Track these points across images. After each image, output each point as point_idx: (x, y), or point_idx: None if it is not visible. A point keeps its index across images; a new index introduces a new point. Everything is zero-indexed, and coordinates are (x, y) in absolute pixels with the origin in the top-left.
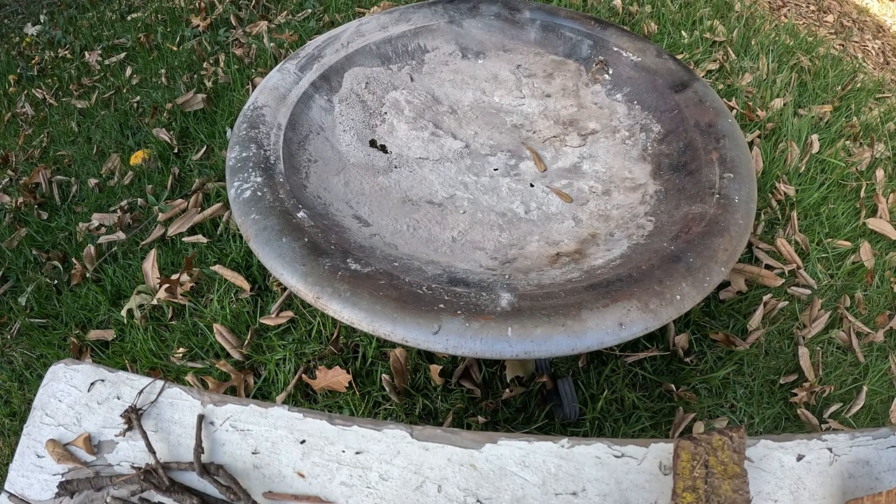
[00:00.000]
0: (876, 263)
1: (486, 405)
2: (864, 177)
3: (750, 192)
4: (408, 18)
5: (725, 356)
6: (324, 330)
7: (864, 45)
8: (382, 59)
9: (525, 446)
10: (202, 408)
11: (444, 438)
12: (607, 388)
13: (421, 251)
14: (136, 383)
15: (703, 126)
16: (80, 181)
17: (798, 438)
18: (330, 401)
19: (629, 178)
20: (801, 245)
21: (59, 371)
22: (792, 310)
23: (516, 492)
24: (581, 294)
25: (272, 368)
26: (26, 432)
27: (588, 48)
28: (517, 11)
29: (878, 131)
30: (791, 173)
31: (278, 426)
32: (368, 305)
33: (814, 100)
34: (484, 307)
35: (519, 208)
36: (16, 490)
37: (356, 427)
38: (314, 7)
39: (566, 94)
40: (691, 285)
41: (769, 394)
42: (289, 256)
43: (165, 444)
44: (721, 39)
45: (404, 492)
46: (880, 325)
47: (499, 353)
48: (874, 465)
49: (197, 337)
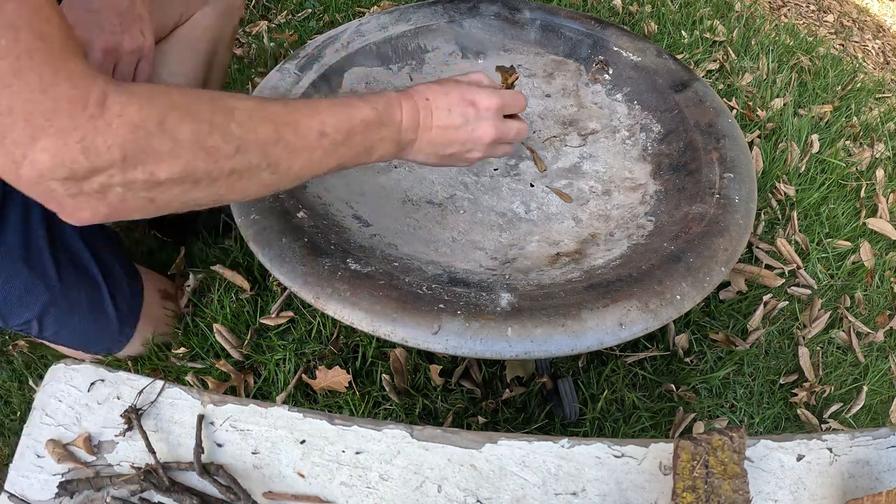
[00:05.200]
0: (876, 263)
1: (486, 405)
2: (864, 177)
3: (750, 191)
4: (408, 18)
5: (725, 356)
6: (324, 330)
7: (864, 45)
8: (382, 59)
9: (525, 446)
10: (202, 408)
11: (444, 438)
12: (607, 388)
13: (421, 251)
14: (136, 383)
15: (703, 126)
16: None
17: (798, 438)
18: (330, 401)
19: (629, 177)
20: (801, 245)
21: (59, 371)
22: (792, 310)
23: (516, 492)
24: (581, 294)
25: (272, 368)
26: (26, 432)
27: (588, 48)
28: (517, 11)
29: (878, 131)
30: (791, 173)
31: (278, 426)
32: (368, 305)
33: (814, 100)
34: (484, 307)
35: (519, 208)
36: (16, 490)
37: (356, 427)
38: (314, 7)
39: (566, 94)
40: (691, 285)
41: (769, 394)
42: (288, 256)
43: (165, 444)
44: (721, 39)
45: (404, 492)
46: (880, 325)
47: (499, 353)
48: (874, 465)
49: (197, 337)
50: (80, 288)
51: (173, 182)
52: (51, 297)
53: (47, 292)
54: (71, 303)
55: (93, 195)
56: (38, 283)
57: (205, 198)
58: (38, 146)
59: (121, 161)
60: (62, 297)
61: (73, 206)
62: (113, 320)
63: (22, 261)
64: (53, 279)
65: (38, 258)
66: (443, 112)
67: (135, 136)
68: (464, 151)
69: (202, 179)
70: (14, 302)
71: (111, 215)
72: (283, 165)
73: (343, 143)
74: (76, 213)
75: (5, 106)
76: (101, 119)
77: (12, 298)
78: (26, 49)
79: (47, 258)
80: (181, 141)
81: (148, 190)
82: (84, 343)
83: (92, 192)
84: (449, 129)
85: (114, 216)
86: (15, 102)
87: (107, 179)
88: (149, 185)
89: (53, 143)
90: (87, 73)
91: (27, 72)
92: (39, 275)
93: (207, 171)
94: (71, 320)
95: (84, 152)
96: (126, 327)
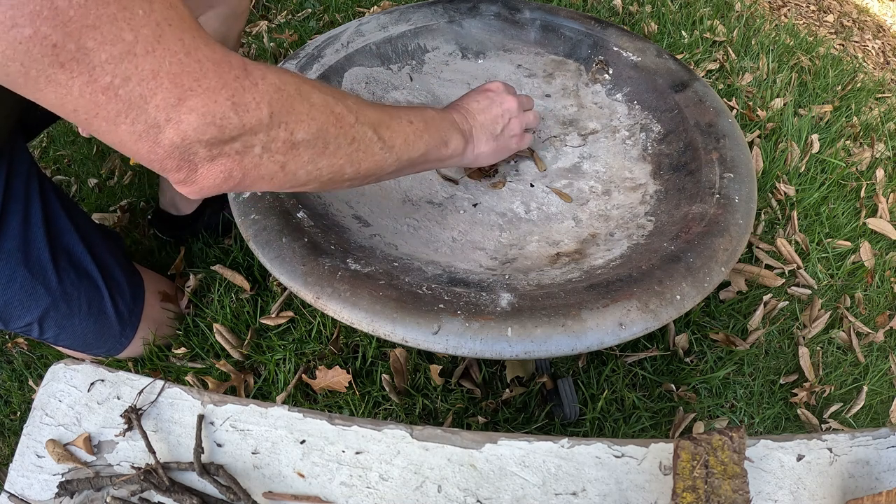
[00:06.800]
0: (876, 263)
1: (486, 405)
2: (865, 177)
3: (750, 191)
4: (408, 18)
5: (725, 356)
6: (324, 330)
7: (864, 45)
8: (382, 59)
9: (525, 446)
10: (202, 408)
11: (444, 438)
12: (607, 388)
13: (421, 251)
14: (136, 383)
15: (704, 126)
16: (79, 181)
17: (798, 438)
18: (330, 401)
19: (629, 177)
20: (802, 245)
21: (59, 371)
22: (792, 310)
23: (516, 492)
24: (581, 294)
25: (272, 368)
26: (26, 432)
27: (588, 48)
28: (517, 11)
29: (879, 131)
30: (791, 173)
31: (278, 426)
32: (368, 305)
33: (814, 100)
34: (484, 307)
35: (519, 208)
36: (16, 490)
37: (356, 427)
38: (314, 7)
39: (566, 94)
40: (691, 285)
41: (769, 394)
42: (288, 256)
43: (165, 444)
44: (721, 39)
45: (404, 492)
46: (880, 325)
47: (499, 353)
48: (874, 465)
49: (197, 337)
50: (81, 290)
51: (307, 144)
52: (51, 301)
53: (48, 295)
54: (71, 305)
55: (231, 157)
56: (39, 286)
57: (327, 167)
58: (185, 106)
59: (268, 118)
60: (62, 300)
61: (207, 171)
62: (114, 322)
63: (22, 264)
64: (54, 282)
65: (39, 261)
66: (473, 103)
67: (280, 96)
68: (506, 124)
69: (330, 144)
70: (15, 305)
71: (242, 181)
72: (388, 141)
73: (425, 130)
74: (208, 179)
75: (149, 70)
76: (247, 80)
77: (13, 302)
78: (164, 17)
79: (47, 261)
80: (316, 105)
81: (284, 152)
82: (85, 345)
83: (232, 154)
84: (485, 111)
85: (243, 183)
86: (160, 66)
87: (250, 138)
88: (286, 147)
89: (203, 102)
90: (217, 42)
91: (169, 37)
92: (40, 278)
93: (335, 135)
94: (71, 323)
95: (234, 108)
96: (127, 329)
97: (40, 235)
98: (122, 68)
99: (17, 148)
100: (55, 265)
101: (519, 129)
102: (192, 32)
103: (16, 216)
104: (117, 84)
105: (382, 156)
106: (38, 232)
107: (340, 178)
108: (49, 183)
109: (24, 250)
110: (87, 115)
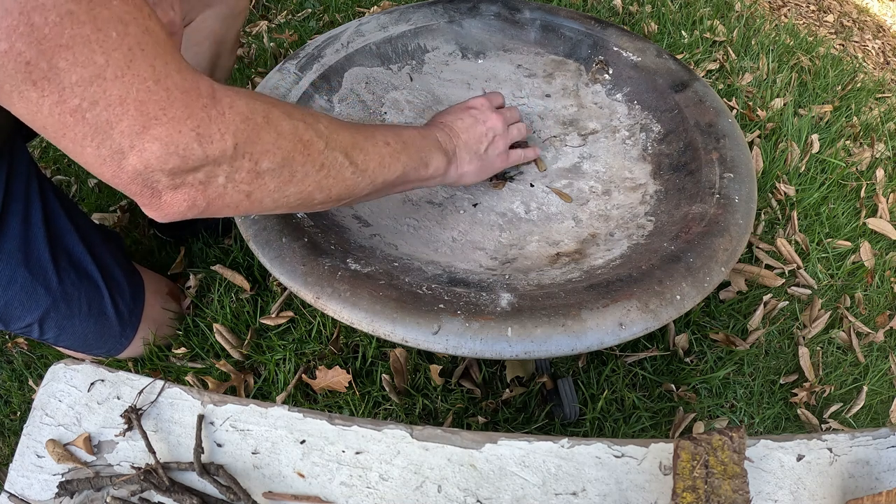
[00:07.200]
0: (876, 263)
1: (486, 405)
2: (865, 177)
3: (750, 191)
4: (408, 18)
5: (725, 356)
6: (324, 330)
7: (864, 45)
8: (382, 59)
9: (525, 446)
10: (202, 408)
11: (444, 438)
12: (607, 388)
13: (421, 251)
14: (136, 383)
15: (703, 126)
16: (79, 181)
17: (798, 438)
18: (330, 401)
19: (629, 177)
20: (802, 245)
21: (59, 371)
22: (792, 310)
23: (516, 492)
24: (581, 294)
25: (272, 368)
26: (26, 432)
27: (588, 48)
28: (517, 11)
29: (879, 131)
30: (791, 173)
31: (278, 426)
32: (368, 305)
33: (814, 100)
34: (484, 307)
35: (519, 208)
36: (16, 490)
37: (356, 427)
38: (314, 7)
39: (566, 94)
40: (691, 285)
41: (769, 394)
42: (288, 256)
43: (165, 444)
44: (721, 39)
45: (404, 492)
46: (880, 325)
47: (499, 353)
48: (874, 465)
49: (197, 337)
50: (81, 291)
51: (273, 173)
52: (51, 301)
53: (48, 296)
54: (71, 306)
55: (195, 186)
56: (39, 287)
57: (295, 194)
58: (149, 135)
59: (232, 149)
60: (63, 301)
61: (170, 199)
62: (114, 322)
63: (22, 265)
64: (54, 283)
65: (39, 262)
66: (457, 121)
67: (246, 126)
68: (490, 142)
69: (297, 172)
70: (15, 306)
71: (206, 210)
72: (361, 164)
73: (402, 151)
74: (171, 206)
75: (116, 96)
76: (214, 109)
77: (13, 303)
78: (137, 42)
79: (47, 262)
80: (283, 133)
81: (249, 182)
82: (85, 345)
83: (195, 184)
84: (469, 130)
85: (208, 211)
86: (128, 92)
87: (213, 169)
88: (251, 177)
89: (167, 132)
90: (190, 67)
91: (140, 63)
92: (40, 279)
93: (302, 162)
94: (72, 323)
95: (198, 139)
96: (127, 329)
97: (40, 236)
98: (91, 92)
99: (17, 148)
100: (55, 266)
101: (503, 148)
102: (165, 58)
103: (16, 217)
104: (85, 107)
105: (354, 180)
106: (38, 232)
107: (310, 202)
108: (49, 183)
109: (24, 251)
110: (56, 134)
